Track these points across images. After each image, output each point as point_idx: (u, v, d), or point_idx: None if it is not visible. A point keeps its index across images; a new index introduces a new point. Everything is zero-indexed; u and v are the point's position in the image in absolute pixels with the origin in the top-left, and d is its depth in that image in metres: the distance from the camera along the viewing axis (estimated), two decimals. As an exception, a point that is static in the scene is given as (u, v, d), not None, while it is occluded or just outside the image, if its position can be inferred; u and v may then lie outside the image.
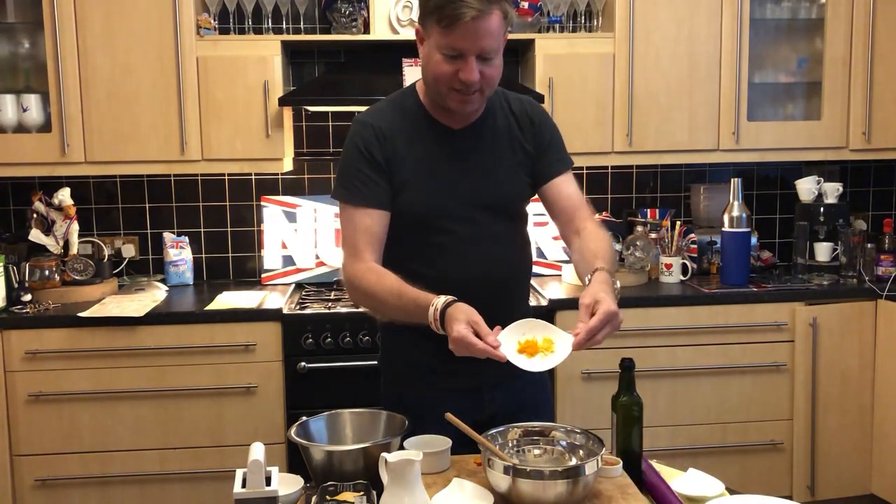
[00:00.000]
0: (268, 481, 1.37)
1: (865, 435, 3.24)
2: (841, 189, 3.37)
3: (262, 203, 3.46)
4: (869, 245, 3.31)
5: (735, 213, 3.21)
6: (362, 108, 3.59)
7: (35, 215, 3.19)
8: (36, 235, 3.17)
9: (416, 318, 1.65)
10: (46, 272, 3.10)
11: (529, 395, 1.92)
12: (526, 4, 3.29)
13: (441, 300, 1.61)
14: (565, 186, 1.88)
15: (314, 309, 2.98)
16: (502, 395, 1.88)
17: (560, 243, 3.50)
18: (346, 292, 1.84)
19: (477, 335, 1.55)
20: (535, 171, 1.88)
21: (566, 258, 3.41)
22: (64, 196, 3.19)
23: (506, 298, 1.86)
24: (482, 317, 1.58)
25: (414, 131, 1.81)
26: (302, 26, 3.40)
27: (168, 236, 3.41)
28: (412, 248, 1.82)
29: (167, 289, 3.29)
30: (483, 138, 1.84)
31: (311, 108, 3.45)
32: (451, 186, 1.80)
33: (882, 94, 3.34)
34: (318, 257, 3.45)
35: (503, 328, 1.61)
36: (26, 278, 3.05)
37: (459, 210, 1.80)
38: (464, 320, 1.56)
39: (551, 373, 2.99)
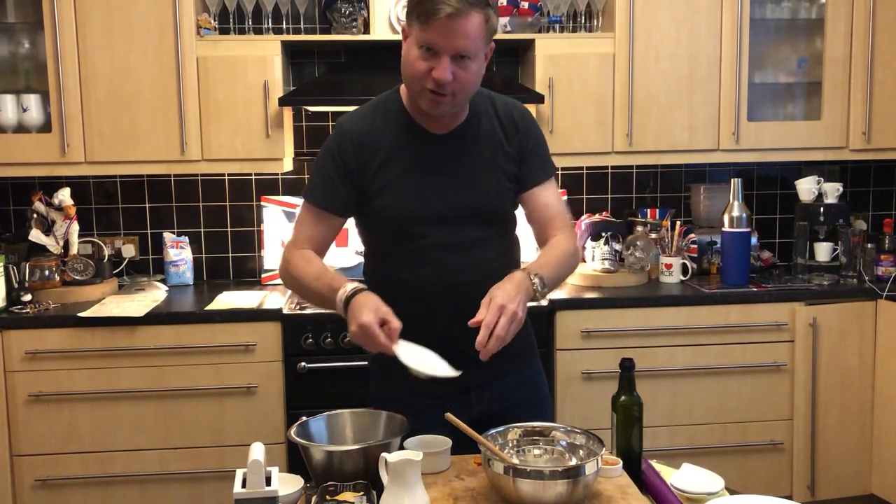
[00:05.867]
0: (268, 481, 1.38)
1: (865, 435, 3.24)
2: (841, 189, 3.37)
3: (262, 203, 3.46)
4: (869, 245, 3.31)
5: (735, 213, 3.21)
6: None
7: (35, 215, 3.19)
8: (36, 235, 3.17)
9: (328, 304, 1.69)
10: (46, 272, 3.10)
11: (521, 394, 1.92)
12: (526, 4, 3.29)
13: (351, 286, 1.64)
14: (543, 195, 1.87)
15: (314, 309, 2.98)
16: (490, 395, 1.88)
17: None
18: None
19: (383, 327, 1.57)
20: (517, 177, 1.86)
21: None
22: (64, 196, 3.19)
23: None
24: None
25: (395, 135, 1.81)
26: (302, 26, 3.40)
27: (168, 236, 3.41)
28: (392, 253, 1.83)
29: (167, 289, 3.29)
30: (465, 143, 1.82)
31: (312, 108, 3.45)
32: (431, 192, 1.79)
33: (882, 94, 3.34)
34: (318, 257, 3.45)
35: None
36: (26, 278, 3.05)
37: (439, 215, 1.79)
38: (373, 309, 1.57)
39: (550, 373, 3.00)
